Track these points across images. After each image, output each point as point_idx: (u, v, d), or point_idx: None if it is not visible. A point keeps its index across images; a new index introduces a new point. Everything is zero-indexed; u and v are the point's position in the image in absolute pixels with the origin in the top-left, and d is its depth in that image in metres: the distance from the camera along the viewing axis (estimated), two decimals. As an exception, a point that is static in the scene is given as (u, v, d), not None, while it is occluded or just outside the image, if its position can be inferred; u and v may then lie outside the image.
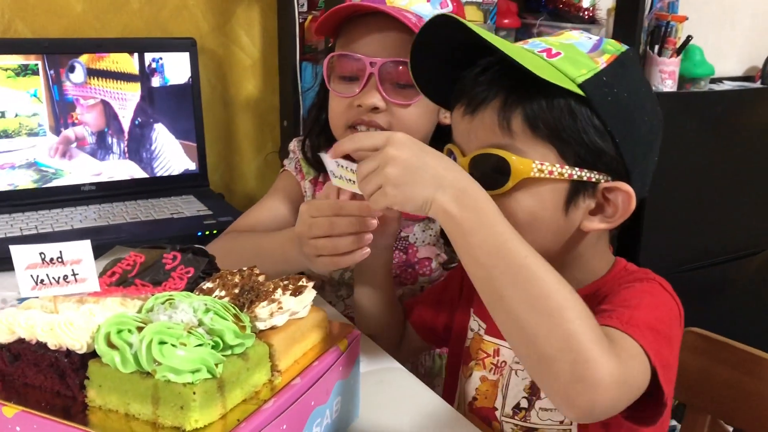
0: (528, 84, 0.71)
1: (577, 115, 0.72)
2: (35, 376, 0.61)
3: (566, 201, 0.75)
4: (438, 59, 0.79)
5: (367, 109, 1.03)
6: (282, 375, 0.65)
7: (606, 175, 0.74)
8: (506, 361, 0.86)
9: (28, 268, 0.62)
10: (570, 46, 0.75)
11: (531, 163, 0.72)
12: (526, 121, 0.73)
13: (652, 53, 1.99)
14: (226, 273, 0.71)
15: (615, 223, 0.76)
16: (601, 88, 0.72)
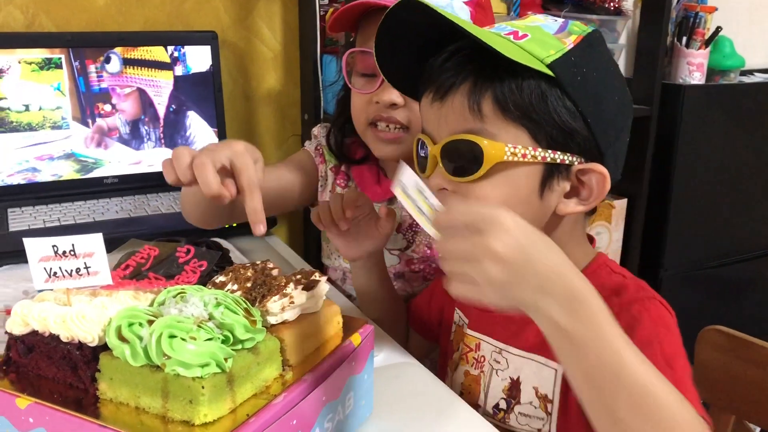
0: (497, 67, 0.70)
1: (547, 96, 0.71)
2: (48, 368, 0.62)
3: (541, 184, 0.73)
4: (404, 47, 0.78)
5: (386, 105, 1.03)
6: (293, 370, 0.65)
7: (579, 157, 0.73)
8: (485, 356, 0.86)
9: (42, 260, 0.62)
10: (536, 28, 0.74)
11: (504, 147, 0.71)
12: (497, 104, 0.71)
13: (679, 45, 1.95)
14: (239, 267, 0.71)
15: (590, 205, 0.75)
16: (570, 68, 0.71)
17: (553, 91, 0.71)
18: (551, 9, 1.90)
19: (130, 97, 1.48)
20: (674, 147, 1.97)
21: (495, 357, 0.85)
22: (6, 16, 1.45)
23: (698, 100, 1.96)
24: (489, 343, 0.86)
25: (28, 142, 1.40)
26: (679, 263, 2.07)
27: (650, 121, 1.91)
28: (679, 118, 1.94)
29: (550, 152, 0.72)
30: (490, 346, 0.86)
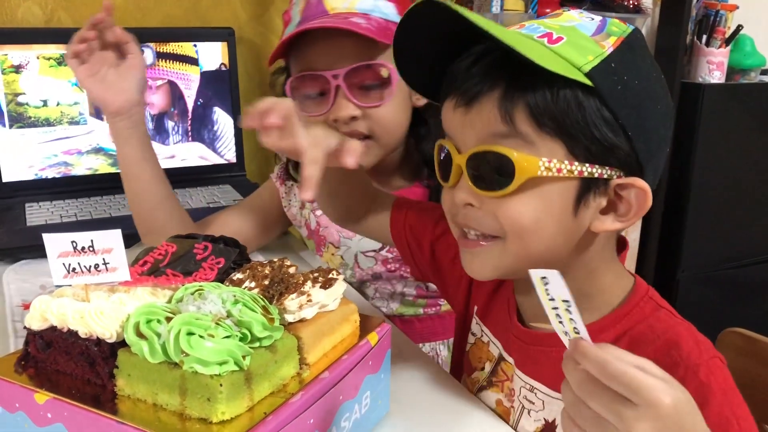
0: (529, 73, 0.63)
1: (585, 107, 0.64)
2: (66, 363, 0.62)
3: (576, 200, 0.67)
4: (424, 48, 0.72)
5: (345, 121, 1.03)
6: (310, 368, 0.65)
7: (618, 171, 0.67)
8: (514, 390, 0.79)
9: (60, 256, 0.62)
10: (572, 29, 0.67)
11: (538, 161, 0.65)
12: (531, 115, 0.64)
13: (699, 43, 1.93)
14: (256, 264, 0.71)
15: (629, 222, 0.69)
16: (609, 76, 0.65)
17: (592, 101, 0.64)
18: (569, 6, 1.89)
19: (160, 89, 1.49)
20: (693, 146, 1.95)
21: (525, 394, 0.77)
22: (25, 12, 1.46)
23: (718, 99, 1.94)
24: (519, 377, 0.78)
25: (45, 138, 1.40)
26: (697, 264, 2.05)
27: (669, 120, 1.90)
28: (699, 118, 1.93)
29: (587, 166, 0.65)
30: (521, 380, 0.78)
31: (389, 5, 1.04)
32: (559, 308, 0.55)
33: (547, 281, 0.54)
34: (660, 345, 0.69)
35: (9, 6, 1.44)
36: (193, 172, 1.53)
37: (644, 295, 0.73)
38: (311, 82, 1.04)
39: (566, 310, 0.54)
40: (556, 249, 0.69)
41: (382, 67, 1.02)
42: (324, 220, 1.18)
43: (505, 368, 0.82)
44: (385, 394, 0.76)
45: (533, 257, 0.69)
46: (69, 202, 1.37)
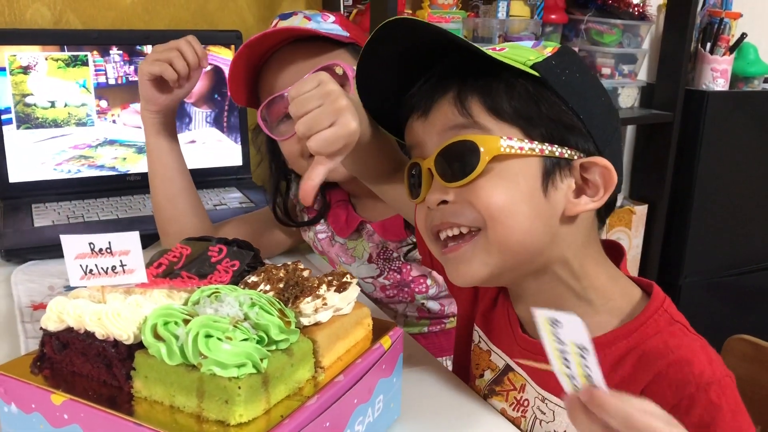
0: (480, 74, 0.70)
1: (537, 94, 0.70)
2: (83, 365, 0.62)
3: (543, 181, 0.70)
4: (385, 83, 0.77)
5: None
6: (325, 372, 0.65)
7: (578, 152, 0.71)
8: (528, 400, 0.79)
9: (78, 257, 0.62)
10: (512, 45, 0.76)
11: (498, 140, 0.69)
12: (486, 106, 0.70)
13: (703, 51, 1.94)
14: (270, 267, 0.71)
15: (601, 200, 0.72)
16: (552, 69, 0.71)
17: (541, 91, 0.70)
18: (575, 13, 1.90)
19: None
20: (696, 153, 1.96)
21: (539, 405, 0.78)
22: (34, 13, 1.46)
23: (721, 106, 1.95)
24: (534, 388, 0.79)
25: (53, 139, 1.40)
26: (700, 270, 2.06)
27: (672, 127, 1.90)
28: (702, 125, 1.93)
29: (547, 145, 0.70)
30: (535, 392, 0.78)
31: (333, 26, 1.08)
32: (569, 353, 0.53)
33: (560, 325, 0.52)
34: (673, 360, 0.69)
35: (18, 7, 1.45)
36: (200, 175, 1.53)
37: (659, 307, 0.73)
38: (279, 106, 1.06)
39: (580, 356, 0.52)
40: (536, 236, 0.71)
41: (335, 65, 1.03)
42: (325, 244, 1.20)
43: (513, 379, 0.82)
44: (397, 398, 0.76)
45: (515, 245, 0.71)
46: (76, 203, 1.37)
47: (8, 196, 1.37)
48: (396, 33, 0.71)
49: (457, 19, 1.66)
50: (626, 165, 2.12)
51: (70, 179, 1.42)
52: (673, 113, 1.89)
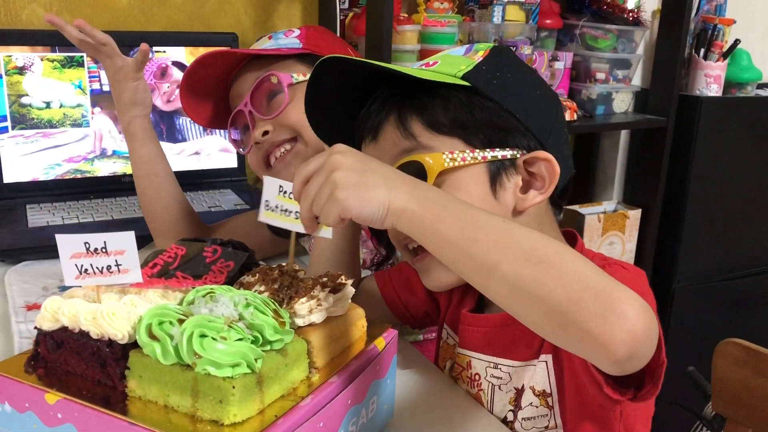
0: (415, 95, 0.76)
1: (470, 104, 0.75)
2: (77, 364, 0.62)
3: (491, 185, 0.76)
4: (334, 110, 0.83)
5: (261, 139, 1.09)
6: (319, 372, 0.65)
7: (520, 150, 0.76)
8: (479, 373, 0.84)
9: (73, 257, 0.62)
10: (445, 56, 0.81)
11: (441, 156, 0.74)
12: (425, 124, 0.76)
13: (697, 57, 1.95)
14: (265, 268, 0.71)
15: (547, 192, 0.77)
16: (483, 75, 0.76)
17: (474, 98, 0.75)
18: (570, 18, 1.91)
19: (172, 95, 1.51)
20: (690, 158, 1.96)
21: (492, 372, 0.83)
22: (30, 14, 1.46)
23: (715, 112, 1.96)
24: (482, 359, 0.84)
25: (48, 139, 1.40)
26: (693, 275, 2.06)
27: (666, 131, 1.91)
28: (696, 130, 1.94)
29: (488, 151, 0.75)
30: (483, 362, 0.84)
31: (291, 40, 1.14)
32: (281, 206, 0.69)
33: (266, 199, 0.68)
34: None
35: (14, 8, 1.45)
36: (195, 176, 1.53)
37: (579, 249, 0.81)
38: (236, 119, 1.14)
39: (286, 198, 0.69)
40: None
41: (271, 75, 1.09)
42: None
43: (459, 360, 0.88)
44: (391, 400, 0.76)
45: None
46: (70, 204, 1.37)
47: (3, 196, 1.36)
48: (333, 69, 0.77)
49: (453, 23, 1.66)
50: (620, 170, 2.12)
51: (65, 180, 1.42)
52: (666, 118, 1.90)
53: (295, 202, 0.68)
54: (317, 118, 0.85)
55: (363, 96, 0.82)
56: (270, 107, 1.10)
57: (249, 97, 1.09)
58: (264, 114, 1.09)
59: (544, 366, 0.79)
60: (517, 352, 0.81)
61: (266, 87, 1.09)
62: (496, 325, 0.82)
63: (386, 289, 1.00)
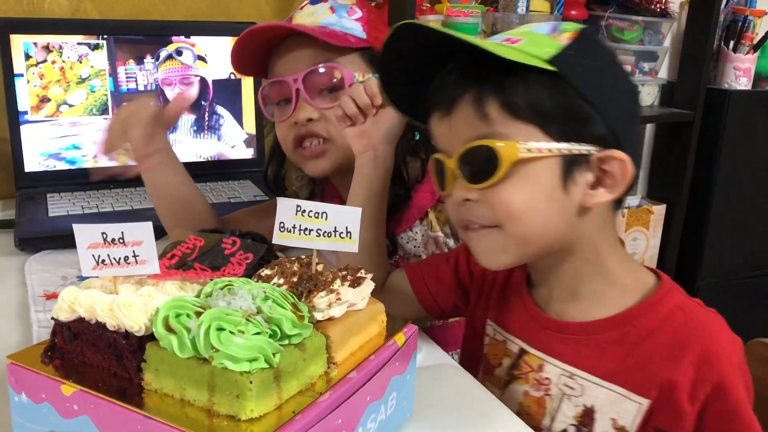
0: (496, 72, 0.71)
1: (552, 90, 0.71)
2: (93, 355, 0.61)
3: (562, 178, 0.73)
4: (407, 74, 0.80)
5: (303, 123, 1.07)
6: (338, 368, 0.64)
7: (596, 146, 0.73)
8: (550, 378, 0.83)
9: (90, 247, 0.61)
10: (528, 32, 0.76)
11: (516, 145, 0.71)
12: (503, 106, 0.72)
13: (726, 49, 1.91)
14: (284, 261, 0.70)
15: (618, 192, 0.75)
16: (569, 60, 0.72)
17: (557, 84, 0.71)
18: (595, 9, 1.87)
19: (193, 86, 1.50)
20: (717, 153, 1.93)
21: (566, 381, 0.81)
22: (51, 3, 1.46)
23: (744, 106, 1.92)
24: (556, 366, 0.82)
25: (68, 129, 1.40)
26: (718, 272, 2.03)
27: (693, 126, 1.88)
28: (723, 124, 1.90)
29: (564, 144, 0.72)
30: (558, 369, 0.82)
31: (355, 23, 1.09)
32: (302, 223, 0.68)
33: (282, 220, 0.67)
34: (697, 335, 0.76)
35: (36, -4, 1.45)
36: (214, 167, 1.53)
37: (672, 286, 0.80)
38: (277, 88, 1.10)
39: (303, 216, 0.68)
40: (554, 227, 0.75)
41: (335, 69, 1.06)
42: None
43: (529, 360, 0.85)
44: (410, 396, 0.75)
45: (534, 238, 0.76)
46: (90, 194, 1.37)
47: (24, 185, 1.37)
48: (408, 35, 0.75)
49: (476, 13, 1.64)
50: (645, 164, 2.09)
51: (85, 169, 1.42)
52: (693, 112, 1.87)
53: (315, 219, 0.67)
54: (390, 80, 0.82)
55: (434, 63, 0.78)
56: (322, 97, 1.07)
57: (302, 76, 1.06)
58: (314, 101, 1.06)
59: (638, 407, 0.77)
60: (600, 366, 0.79)
61: (326, 76, 1.06)
62: (584, 334, 0.80)
63: (416, 281, 0.99)
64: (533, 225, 0.74)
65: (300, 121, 1.07)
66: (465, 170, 0.74)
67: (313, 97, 1.06)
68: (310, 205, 0.68)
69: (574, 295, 0.82)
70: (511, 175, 0.72)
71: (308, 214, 0.68)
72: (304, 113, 1.06)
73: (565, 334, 0.82)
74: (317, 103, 1.06)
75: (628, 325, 0.78)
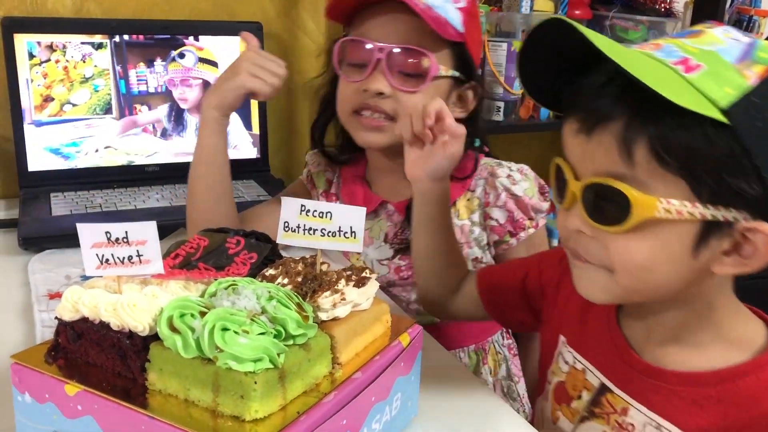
0: (657, 103, 0.57)
1: (715, 143, 0.58)
2: (97, 355, 0.61)
3: (696, 242, 0.62)
4: (547, 60, 0.68)
5: (373, 94, 1.04)
6: (343, 368, 0.64)
7: (745, 213, 0.61)
8: (634, 425, 0.73)
9: (94, 246, 0.61)
10: (713, 55, 0.61)
11: (656, 202, 0.60)
12: (652, 151, 0.60)
13: (731, 49, 1.90)
14: (289, 260, 0.70)
15: (753, 267, 0.63)
16: (749, 112, 0.58)
17: (724, 136, 0.58)
18: (599, 8, 1.87)
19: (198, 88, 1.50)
20: (721, 154, 1.91)
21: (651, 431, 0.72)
22: (55, 2, 1.46)
23: (749, 106, 1.91)
24: (644, 413, 0.72)
25: (72, 128, 1.40)
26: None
27: (698, 126, 1.87)
28: (728, 125, 1.89)
29: (711, 208, 0.60)
30: (645, 417, 0.72)
31: (457, 13, 1.04)
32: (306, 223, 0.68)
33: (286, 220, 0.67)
34: None
35: (39, -5, 1.44)
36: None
37: None
38: (358, 49, 1.05)
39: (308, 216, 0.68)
40: (670, 285, 0.66)
41: (425, 56, 1.02)
42: None
43: (612, 400, 0.76)
44: (415, 397, 0.75)
45: (643, 292, 0.68)
46: (94, 193, 1.36)
47: (27, 184, 1.37)
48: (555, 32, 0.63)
49: (480, 13, 1.63)
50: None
51: (88, 169, 1.42)
52: (698, 112, 1.86)
53: (319, 219, 0.67)
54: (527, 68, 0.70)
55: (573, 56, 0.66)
56: (403, 80, 1.03)
57: (390, 49, 1.02)
58: (392, 78, 1.03)
59: None
60: (692, 421, 0.70)
61: (413, 58, 1.03)
62: (681, 385, 0.71)
63: (483, 290, 0.95)
64: (647, 282, 0.66)
65: (371, 91, 1.03)
66: (588, 202, 0.65)
67: (392, 73, 1.03)
68: (315, 205, 0.67)
69: (675, 341, 0.72)
70: (638, 228, 0.62)
71: (312, 214, 0.67)
72: (376, 84, 1.03)
73: (659, 381, 0.72)
74: (394, 81, 1.03)
75: (731, 384, 0.68)
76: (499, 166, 1.13)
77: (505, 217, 1.12)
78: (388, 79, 1.03)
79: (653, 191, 0.61)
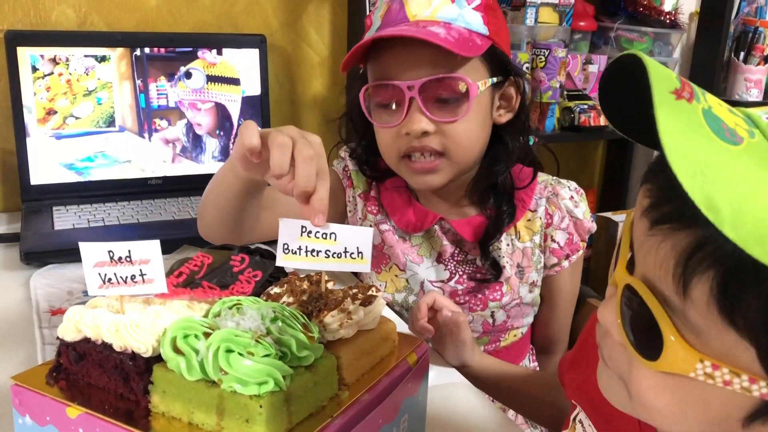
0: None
1: None
2: (99, 376, 0.60)
3: (748, 417, 0.46)
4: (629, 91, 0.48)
5: (416, 135, 0.97)
6: (349, 389, 0.62)
7: None
8: None
9: (96, 265, 0.60)
10: None
11: (696, 360, 0.44)
12: (714, 298, 0.42)
13: (737, 60, 1.89)
14: (294, 278, 0.69)
15: None
16: None
17: None
18: (604, 20, 1.86)
19: (209, 111, 1.49)
20: (728, 165, 1.90)
21: None
22: (59, 15, 1.45)
23: (755, 117, 1.90)
24: None
25: (75, 141, 1.40)
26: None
27: (704, 137, 1.86)
28: (734, 136, 1.88)
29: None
30: None
31: (476, 14, 0.97)
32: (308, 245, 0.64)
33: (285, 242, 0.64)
34: None
35: (43, 8, 1.44)
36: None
37: None
38: (386, 92, 0.99)
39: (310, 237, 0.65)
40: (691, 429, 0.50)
41: (460, 80, 0.96)
42: (389, 238, 1.11)
43: None
44: (422, 418, 0.73)
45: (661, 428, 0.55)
46: (97, 207, 1.35)
47: (29, 198, 1.36)
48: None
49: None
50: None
51: (91, 182, 1.41)
52: (704, 124, 1.85)
53: (322, 240, 0.64)
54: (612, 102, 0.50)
55: None
56: (442, 109, 0.97)
57: (420, 84, 0.94)
58: (431, 112, 0.96)
59: None
60: None
61: (448, 87, 0.95)
62: None
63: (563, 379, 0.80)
64: (668, 425, 0.50)
65: (414, 133, 0.96)
66: (624, 305, 0.49)
67: (429, 108, 0.96)
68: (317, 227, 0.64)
69: None
70: (673, 385, 0.46)
71: (315, 235, 0.64)
72: (418, 125, 0.96)
73: None
74: (434, 115, 0.96)
75: None
76: (559, 185, 1.10)
77: (566, 239, 1.09)
78: (427, 115, 0.96)
79: (703, 343, 0.44)
